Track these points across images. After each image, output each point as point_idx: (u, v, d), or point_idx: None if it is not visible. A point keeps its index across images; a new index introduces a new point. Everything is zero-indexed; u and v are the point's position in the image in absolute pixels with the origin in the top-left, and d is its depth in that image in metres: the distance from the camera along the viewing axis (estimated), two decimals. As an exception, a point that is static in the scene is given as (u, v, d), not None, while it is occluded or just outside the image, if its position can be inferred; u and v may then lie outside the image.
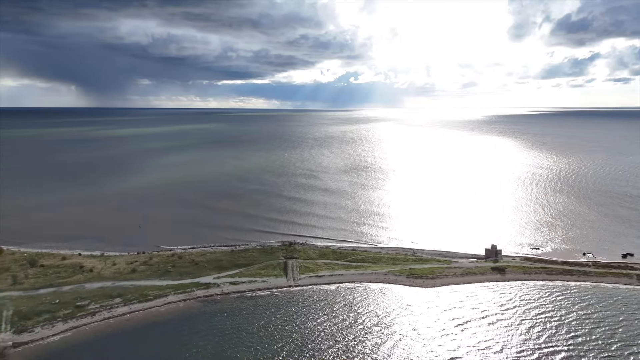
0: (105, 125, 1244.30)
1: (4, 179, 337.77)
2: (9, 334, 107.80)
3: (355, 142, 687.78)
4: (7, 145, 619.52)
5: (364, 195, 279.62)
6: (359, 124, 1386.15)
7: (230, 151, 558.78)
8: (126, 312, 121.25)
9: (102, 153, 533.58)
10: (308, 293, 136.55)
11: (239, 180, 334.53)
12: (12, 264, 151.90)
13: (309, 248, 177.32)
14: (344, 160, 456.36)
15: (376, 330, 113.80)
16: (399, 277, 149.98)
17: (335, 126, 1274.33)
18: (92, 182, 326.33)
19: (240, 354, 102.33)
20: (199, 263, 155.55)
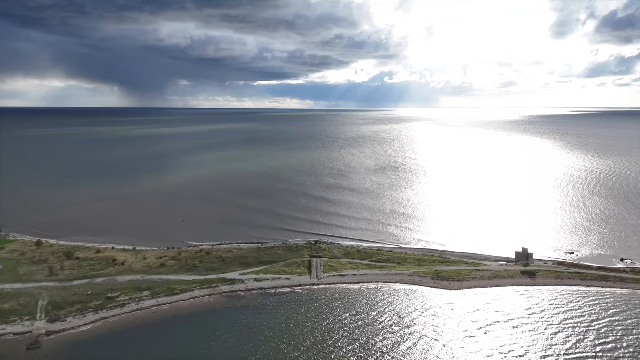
0: (144, 125, 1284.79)
1: (49, 175, 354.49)
2: (43, 322, 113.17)
3: (386, 142, 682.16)
4: (53, 144, 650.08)
5: (392, 195, 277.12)
6: (392, 124, 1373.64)
7: (261, 150, 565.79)
8: (153, 305, 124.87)
9: (140, 151, 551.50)
10: (330, 291, 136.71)
11: (268, 179, 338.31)
12: (49, 256, 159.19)
13: (334, 247, 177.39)
14: (374, 160, 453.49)
15: (396, 330, 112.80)
16: (424, 278, 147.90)
17: (368, 126, 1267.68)
18: (128, 179, 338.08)
19: (260, 348, 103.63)
20: (225, 259, 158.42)
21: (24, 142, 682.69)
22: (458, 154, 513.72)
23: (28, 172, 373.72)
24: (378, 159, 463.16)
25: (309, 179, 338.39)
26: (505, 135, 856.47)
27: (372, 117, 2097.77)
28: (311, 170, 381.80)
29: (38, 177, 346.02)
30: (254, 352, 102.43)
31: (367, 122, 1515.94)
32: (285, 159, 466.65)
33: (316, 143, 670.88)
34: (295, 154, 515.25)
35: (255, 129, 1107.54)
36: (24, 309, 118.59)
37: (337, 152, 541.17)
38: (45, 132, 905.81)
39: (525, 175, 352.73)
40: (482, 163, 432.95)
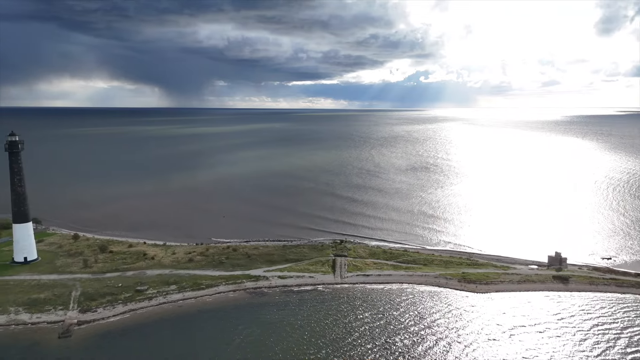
0: (182, 124, 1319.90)
1: (90, 172, 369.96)
2: (75, 312, 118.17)
3: (418, 142, 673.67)
4: (96, 142, 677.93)
5: (421, 196, 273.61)
6: (426, 124, 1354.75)
7: (291, 149, 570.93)
8: (179, 299, 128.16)
9: (176, 150, 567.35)
10: (353, 291, 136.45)
11: (295, 178, 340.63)
12: (85, 249, 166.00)
13: (359, 247, 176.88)
14: (405, 161, 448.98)
15: (416, 331, 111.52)
16: (450, 280, 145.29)
17: (401, 126, 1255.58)
18: (163, 176, 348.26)
19: (281, 344, 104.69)
20: (251, 256, 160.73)
21: (69, 140, 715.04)
22: (492, 155, 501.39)
23: (70, 169, 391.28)
24: (409, 160, 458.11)
25: (337, 178, 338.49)
26: (544, 136, 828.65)
27: (407, 117, 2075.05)
28: (339, 170, 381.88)
29: (79, 174, 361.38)
30: (274, 347, 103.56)
31: (400, 122, 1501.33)
32: (314, 159, 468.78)
33: (347, 143, 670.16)
34: (325, 154, 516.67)
35: (287, 129, 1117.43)
36: (59, 299, 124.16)
37: (368, 152, 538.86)
38: (90, 131, 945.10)
39: (563, 177, 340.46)
40: (518, 164, 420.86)
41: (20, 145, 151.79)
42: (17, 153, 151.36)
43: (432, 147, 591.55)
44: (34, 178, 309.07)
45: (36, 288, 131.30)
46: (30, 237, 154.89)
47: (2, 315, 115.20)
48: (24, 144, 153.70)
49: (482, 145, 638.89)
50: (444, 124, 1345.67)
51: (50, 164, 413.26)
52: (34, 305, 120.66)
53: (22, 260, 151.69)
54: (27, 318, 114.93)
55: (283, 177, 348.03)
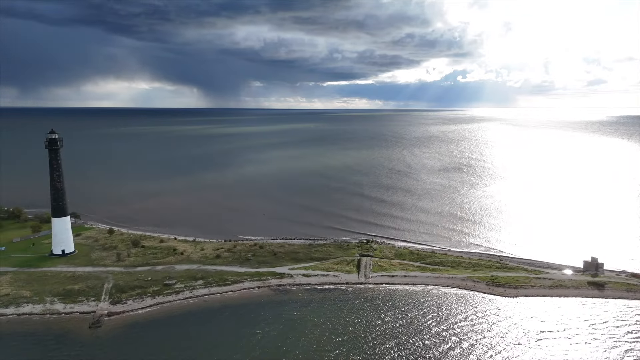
0: (219, 124, 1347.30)
1: (128, 170, 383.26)
2: (106, 304, 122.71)
3: (453, 143, 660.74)
4: (136, 141, 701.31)
5: (451, 197, 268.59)
6: (462, 124, 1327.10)
7: (322, 149, 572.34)
8: (205, 294, 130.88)
9: (210, 149, 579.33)
10: (377, 291, 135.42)
11: (324, 178, 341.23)
12: (119, 243, 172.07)
13: (385, 247, 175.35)
14: (437, 161, 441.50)
15: (439, 332, 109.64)
16: (478, 283, 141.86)
17: (436, 126, 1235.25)
18: (196, 174, 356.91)
19: (301, 341, 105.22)
20: (277, 254, 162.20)
21: (111, 139, 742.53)
22: (529, 156, 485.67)
23: (110, 166, 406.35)
24: (441, 160, 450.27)
25: (366, 179, 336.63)
26: (586, 137, 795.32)
27: (442, 117, 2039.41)
28: (369, 170, 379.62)
29: (118, 171, 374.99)
30: (294, 344, 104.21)
31: (436, 122, 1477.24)
32: (344, 159, 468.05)
33: (379, 143, 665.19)
34: (355, 154, 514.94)
35: (321, 129, 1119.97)
36: (91, 291, 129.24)
37: (399, 152, 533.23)
38: (131, 131, 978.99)
39: (604, 180, 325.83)
40: (556, 166, 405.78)
41: (60, 143, 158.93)
42: (57, 150, 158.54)
43: (466, 148, 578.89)
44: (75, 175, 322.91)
45: (71, 279, 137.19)
46: (68, 230, 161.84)
47: (38, 305, 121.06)
48: (62, 141, 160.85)
49: (519, 146, 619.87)
50: (481, 125, 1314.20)
51: (92, 162, 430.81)
52: (68, 295, 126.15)
53: (60, 252, 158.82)
54: (62, 308, 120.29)
55: (312, 176, 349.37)
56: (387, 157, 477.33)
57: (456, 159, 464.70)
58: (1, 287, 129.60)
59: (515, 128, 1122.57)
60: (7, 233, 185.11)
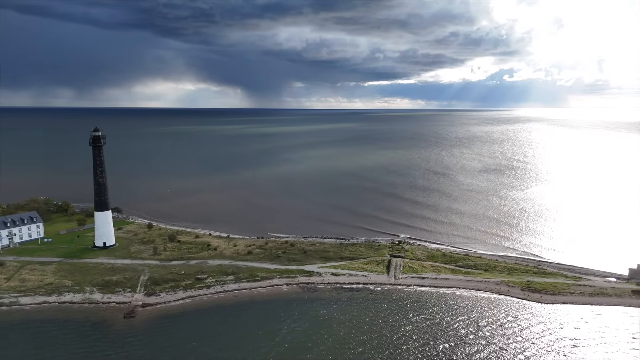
0: (260, 124, 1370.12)
1: (170, 168, 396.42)
2: (141, 295, 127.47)
3: (495, 144, 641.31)
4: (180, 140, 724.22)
5: (489, 200, 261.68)
6: (507, 125, 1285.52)
7: (359, 149, 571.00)
8: (235, 289, 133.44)
9: (249, 148, 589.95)
10: (406, 292, 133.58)
11: (359, 178, 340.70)
12: (157, 238, 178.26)
13: (417, 248, 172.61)
14: (476, 163, 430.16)
15: (467, 336, 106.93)
16: (513, 288, 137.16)
17: (479, 126, 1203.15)
18: (233, 172, 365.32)
19: (326, 340, 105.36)
20: (307, 252, 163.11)
21: (157, 138, 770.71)
22: (575, 158, 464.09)
23: (153, 164, 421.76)
24: (482, 162, 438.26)
25: (400, 179, 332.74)
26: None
27: (487, 118, 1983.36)
28: (404, 171, 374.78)
29: (160, 169, 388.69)
30: (319, 341, 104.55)
31: (479, 123, 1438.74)
32: (380, 159, 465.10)
33: (417, 143, 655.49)
34: (391, 154, 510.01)
35: (359, 129, 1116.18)
36: (128, 282, 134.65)
37: (438, 153, 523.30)
38: (177, 130, 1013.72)
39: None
40: (604, 169, 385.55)
41: (103, 140, 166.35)
42: (100, 147, 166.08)
43: (508, 149, 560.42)
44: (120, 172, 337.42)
45: (110, 271, 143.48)
46: (109, 224, 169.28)
47: (78, 294, 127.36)
48: (105, 138, 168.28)
49: (565, 148, 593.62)
50: (527, 125, 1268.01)
51: (137, 160, 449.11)
52: (106, 286, 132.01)
53: (102, 245, 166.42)
54: (100, 297, 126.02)
55: (346, 176, 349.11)
56: (424, 158, 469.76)
57: (497, 160, 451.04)
58: (46, 276, 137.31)
59: (564, 129, 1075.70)
60: (55, 225, 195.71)
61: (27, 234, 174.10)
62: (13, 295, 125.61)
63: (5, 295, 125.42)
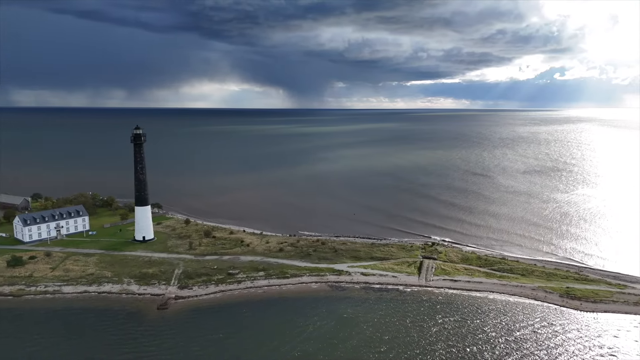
0: (300, 124, 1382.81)
1: (209, 166, 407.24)
2: (174, 288, 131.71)
3: (542, 145, 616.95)
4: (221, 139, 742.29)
5: (528, 203, 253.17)
6: (556, 125, 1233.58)
7: (397, 149, 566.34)
8: (265, 285, 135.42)
9: (287, 147, 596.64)
10: (436, 295, 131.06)
11: (394, 178, 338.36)
12: (193, 233, 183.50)
13: (451, 250, 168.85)
14: (519, 164, 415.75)
15: (497, 341, 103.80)
16: (550, 294, 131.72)
17: (526, 127, 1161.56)
18: (269, 171, 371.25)
19: (352, 339, 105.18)
20: (338, 251, 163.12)
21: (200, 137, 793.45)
22: (626, 161, 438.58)
23: (194, 162, 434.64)
24: (525, 163, 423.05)
25: (437, 180, 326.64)
26: None
27: (535, 118, 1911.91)
28: (442, 172, 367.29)
29: (200, 166, 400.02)
30: (345, 340, 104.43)
31: (526, 123, 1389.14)
32: (417, 159, 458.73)
33: (458, 144, 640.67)
34: (430, 154, 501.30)
35: (400, 129, 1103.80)
36: (163, 275, 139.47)
37: (479, 154, 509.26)
38: (220, 129, 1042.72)
39: None
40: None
41: (143, 138, 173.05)
42: (141, 144, 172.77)
43: (555, 151, 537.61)
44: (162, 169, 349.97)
45: (147, 264, 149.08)
46: (148, 219, 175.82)
47: (117, 285, 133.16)
48: (146, 136, 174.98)
49: (617, 149, 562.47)
50: (578, 126, 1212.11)
51: (179, 158, 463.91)
52: (143, 278, 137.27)
53: (141, 239, 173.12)
54: (136, 289, 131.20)
55: (381, 176, 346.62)
56: (464, 159, 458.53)
57: (542, 162, 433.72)
58: (88, 267, 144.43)
59: (617, 130, 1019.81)
60: (100, 219, 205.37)
61: (74, 226, 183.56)
62: (57, 284, 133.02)
63: (50, 284, 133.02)
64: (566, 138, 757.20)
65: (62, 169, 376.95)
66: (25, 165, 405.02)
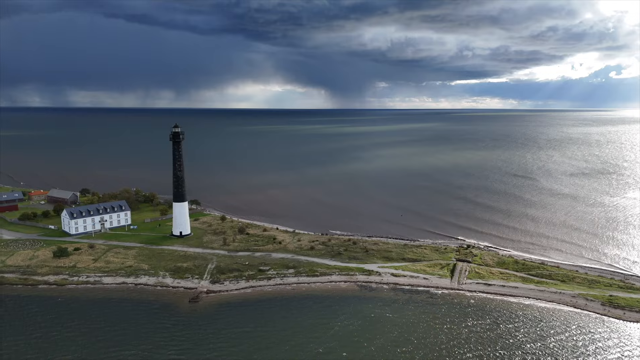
0: (340, 124, 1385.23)
1: (248, 164, 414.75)
2: (207, 282, 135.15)
3: (593, 146, 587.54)
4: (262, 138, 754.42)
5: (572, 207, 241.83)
6: (611, 126, 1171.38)
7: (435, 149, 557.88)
8: (294, 282, 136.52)
9: (324, 146, 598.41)
10: (468, 298, 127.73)
11: (430, 179, 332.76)
12: (228, 229, 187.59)
13: (487, 254, 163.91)
14: (566, 166, 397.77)
15: (531, 349, 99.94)
16: (591, 302, 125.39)
17: (578, 127, 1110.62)
18: (304, 170, 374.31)
19: (378, 339, 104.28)
20: (369, 250, 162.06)
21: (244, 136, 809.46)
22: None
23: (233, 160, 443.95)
24: (572, 165, 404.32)
25: (475, 182, 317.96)
26: None
27: (587, 119, 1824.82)
28: (481, 174, 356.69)
29: (239, 165, 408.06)
30: (370, 341, 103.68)
31: (577, 124, 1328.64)
32: (456, 160, 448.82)
33: (501, 144, 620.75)
34: (469, 155, 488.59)
35: (441, 129, 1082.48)
36: (197, 270, 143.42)
37: (522, 155, 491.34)
38: (261, 129, 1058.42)
39: None
40: None
41: (182, 136, 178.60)
42: (179, 142, 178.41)
43: (606, 153, 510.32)
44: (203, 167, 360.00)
45: (182, 258, 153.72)
46: (185, 215, 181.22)
47: (152, 277, 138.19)
48: (184, 134, 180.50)
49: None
50: (634, 127, 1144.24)
51: (220, 156, 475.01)
52: (177, 272, 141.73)
53: (178, 234, 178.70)
54: (170, 282, 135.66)
55: (417, 177, 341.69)
56: (506, 160, 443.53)
57: (591, 164, 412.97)
58: (127, 260, 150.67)
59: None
60: (142, 214, 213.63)
61: (117, 220, 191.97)
62: (98, 275, 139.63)
63: (91, 274, 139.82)
64: (620, 139, 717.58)
65: (110, 166, 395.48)
66: (77, 161, 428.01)
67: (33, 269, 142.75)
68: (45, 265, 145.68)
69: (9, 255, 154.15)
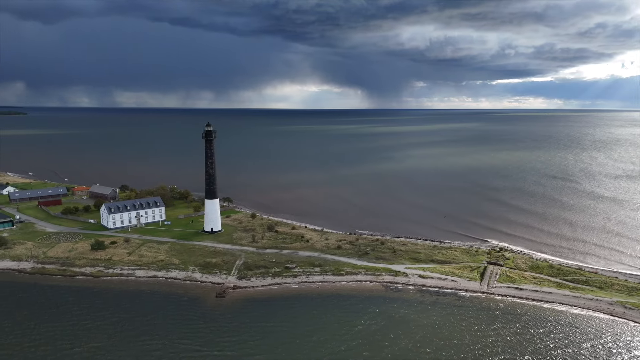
0: (376, 124, 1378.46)
1: (281, 163, 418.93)
2: (234, 278, 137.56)
3: None
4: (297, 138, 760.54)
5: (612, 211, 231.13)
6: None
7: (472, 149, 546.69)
8: (319, 281, 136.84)
9: (356, 146, 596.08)
10: (497, 302, 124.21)
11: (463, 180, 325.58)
12: (257, 227, 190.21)
13: (520, 257, 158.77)
14: (609, 168, 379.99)
15: (562, 355, 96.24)
16: (630, 310, 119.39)
17: (627, 128, 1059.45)
18: (335, 169, 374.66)
19: (401, 340, 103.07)
20: (397, 251, 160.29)
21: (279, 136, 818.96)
22: None
23: (268, 159, 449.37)
24: (616, 167, 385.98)
25: (510, 184, 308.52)
26: None
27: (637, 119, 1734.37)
28: (517, 175, 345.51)
29: (272, 163, 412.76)
30: (393, 341, 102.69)
31: (626, 124, 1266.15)
32: (492, 160, 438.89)
33: (542, 145, 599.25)
34: (506, 156, 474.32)
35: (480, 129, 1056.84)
36: (225, 265, 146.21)
37: (563, 156, 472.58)
38: (298, 129, 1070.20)
39: None
40: None
41: (214, 134, 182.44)
42: (211, 141, 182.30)
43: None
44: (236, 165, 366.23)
45: (212, 254, 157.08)
46: (217, 211, 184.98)
47: (182, 272, 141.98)
48: (216, 133, 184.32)
49: None
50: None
51: (254, 155, 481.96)
52: (206, 267, 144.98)
53: (209, 230, 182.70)
54: (199, 277, 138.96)
55: (450, 177, 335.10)
56: (544, 161, 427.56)
57: (638, 167, 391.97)
58: (159, 254, 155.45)
59: None
60: (176, 210, 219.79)
61: (152, 216, 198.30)
62: (131, 268, 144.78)
63: (125, 267, 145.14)
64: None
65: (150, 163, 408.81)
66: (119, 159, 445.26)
67: (72, 261, 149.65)
68: (83, 257, 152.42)
69: (50, 247, 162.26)
